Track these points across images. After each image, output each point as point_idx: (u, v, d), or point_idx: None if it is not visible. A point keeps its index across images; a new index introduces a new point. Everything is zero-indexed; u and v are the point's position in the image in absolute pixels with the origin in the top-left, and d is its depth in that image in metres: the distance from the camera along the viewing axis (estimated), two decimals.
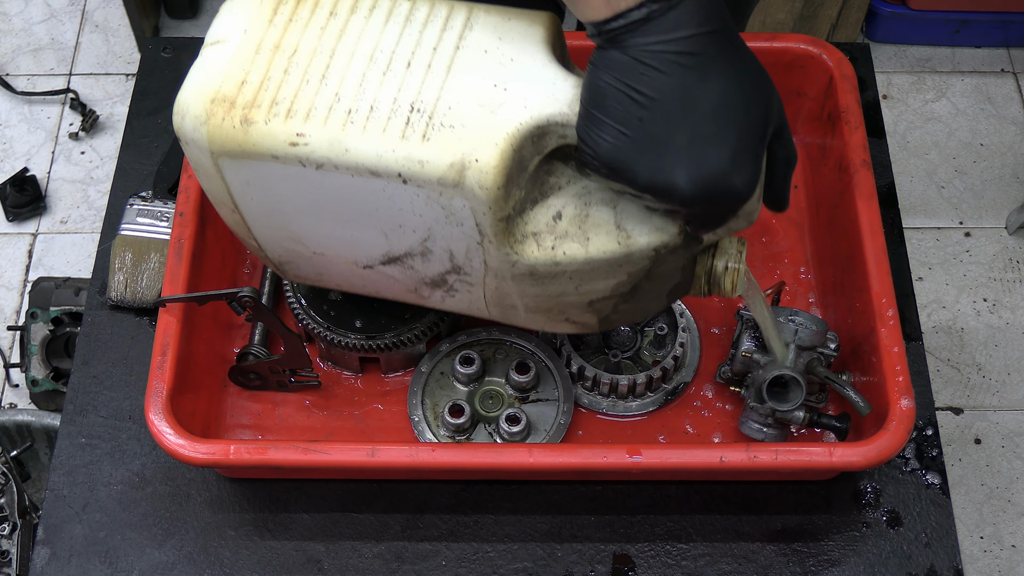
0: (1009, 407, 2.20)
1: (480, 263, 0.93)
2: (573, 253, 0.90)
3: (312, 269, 1.06)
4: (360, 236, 0.96)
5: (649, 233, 0.90)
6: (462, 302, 1.03)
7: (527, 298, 0.97)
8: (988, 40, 2.64)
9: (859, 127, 1.21)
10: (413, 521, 1.15)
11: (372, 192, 0.89)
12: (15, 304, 2.29)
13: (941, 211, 2.43)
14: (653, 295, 0.99)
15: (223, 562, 1.13)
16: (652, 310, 1.04)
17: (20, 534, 1.71)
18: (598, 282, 0.94)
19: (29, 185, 2.37)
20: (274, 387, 1.20)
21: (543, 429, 1.16)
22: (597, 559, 1.13)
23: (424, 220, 0.90)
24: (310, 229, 0.98)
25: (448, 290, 1.00)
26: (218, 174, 0.93)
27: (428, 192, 0.87)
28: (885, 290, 1.11)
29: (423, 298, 1.05)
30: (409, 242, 0.94)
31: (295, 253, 1.03)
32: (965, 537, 2.07)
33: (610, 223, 0.90)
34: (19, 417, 1.84)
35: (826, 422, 1.12)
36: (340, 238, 0.97)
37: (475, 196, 0.85)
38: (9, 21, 2.66)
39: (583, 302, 0.97)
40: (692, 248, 0.94)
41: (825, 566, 1.13)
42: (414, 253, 0.96)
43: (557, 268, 0.91)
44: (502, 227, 0.88)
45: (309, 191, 0.91)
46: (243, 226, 1.01)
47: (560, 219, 0.90)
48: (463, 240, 0.91)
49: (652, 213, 0.90)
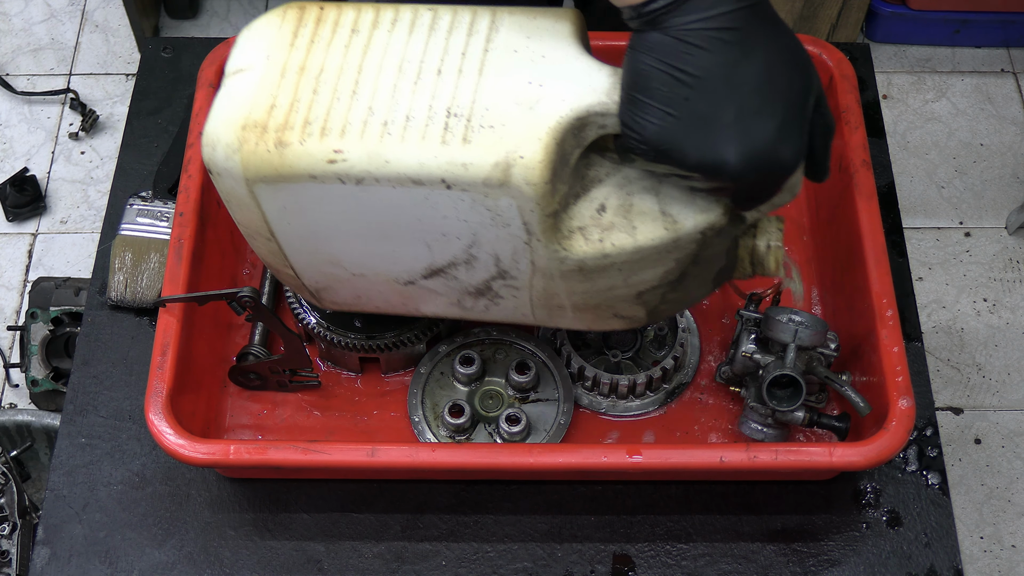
0: (1009, 407, 2.20)
1: (527, 264, 0.92)
2: (622, 243, 0.90)
3: (351, 292, 1.04)
4: (402, 250, 0.95)
5: (695, 215, 0.90)
6: (506, 309, 1.01)
7: (576, 296, 0.96)
8: (988, 40, 2.64)
9: (859, 127, 1.21)
10: (413, 521, 1.15)
11: (415, 202, 0.88)
12: (15, 304, 2.29)
13: (941, 211, 2.43)
14: (700, 281, 0.99)
15: (223, 562, 1.13)
16: (699, 297, 1.04)
17: (20, 534, 1.71)
18: (647, 271, 0.93)
19: (29, 185, 2.37)
20: (274, 387, 1.20)
21: (543, 429, 1.16)
22: (597, 559, 1.13)
23: (469, 225, 0.89)
24: (350, 249, 0.96)
25: (492, 298, 0.99)
26: (254, 202, 0.91)
27: (473, 196, 0.86)
28: (885, 290, 1.11)
29: (465, 310, 1.03)
30: (453, 251, 0.93)
31: (333, 277, 1.01)
32: (965, 537, 2.07)
33: (655, 210, 0.90)
34: (19, 417, 1.84)
35: (826, 422, 1.12)
36: (381, 255, 0.96)
37: (522, 193, 0.84)
38: (9, 21, 2.66)
39: (632, 294, 0.97)
40: (736, 228, 0.95)
41: (825, 566, 1.13)
42: (458, 262, 0.94)
43: (607, 260, 0.91)
44: (550, 223, 0.87)
45: (349, 209, 0.90)
46: (279, 255, 0.99)
47: (604, 211, 0.90)
48: (509, 242, 0.90)
49: (695, 196, 0.90)
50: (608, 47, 1.26)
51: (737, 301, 1.26)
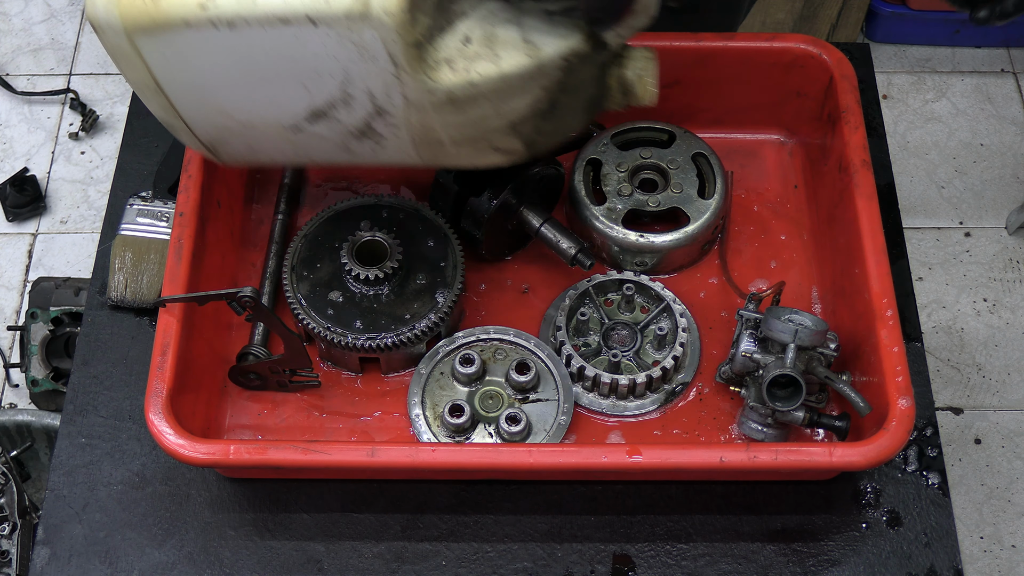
0: (1009, 407, 2.20)
1: (400, 99, 0.96)
2: (487, 72, 0.94)
3: (244, 144, 1.08)
4: (282, 93, 0.98)
5: (556, 42, 0.95)
6: (391, 150, 1.04)
7: (451, 129, 0.99)
8: (988, 40, 2.64)
9: (859, 127, 1.21)
10: (413, 521, 1.15)
11: (286, 43, 0.92)
12: (15, 304, 2.29)
13: (941, 211, 2.43)
14: (571, 110, 1.03)
15: (223, 562, 1.13)
16: (573, 127, 1.07)
17: (20, 534, 1.71)
18: (516, 100, 0.97)
19: (29, 185, 2.37)
20: (274, 387, 1.20)
21: (543, 429, 1.16)
22: (597, 559, 1.13)
23: (339, 62, 0.93)
24: (233, 96, 1.00)
25: (376, 138, 1.02)
26: (137, 55, 0.95)
27: (338, 31, 0.90)
28: (885, 290, 1.11)
29: (354, 155, 1.06)
30: (329, 90, 0.97)
31: (224, 129, 1.05)
32: (965, 537, 2.07)
33: (517, 39, 0.94)
34: (19, 417, 1.84)
35: (826, 422, 1.12)
36: (263, 99, 1.00)
37: (383, 24, 0.88)
38: (9, 21, 2.66)
39: (505, 125, 1.00)
40: (600, 56, 0.99)
41: (825, 566, 1.13)
42: (336, 102, 0.98)
43: (474, 90, 0.94)
44: (414, 54, 0.91)
45: (227, 54, 0.94)
46: (170, 109, 1.02)
47: (469, 42, 0.94)
48: (379, 76, 0.93)
49: (555, 23, 0.94)
50: None
51: (737, 301, 1.26)
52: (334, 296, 1.17)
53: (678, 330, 1.20)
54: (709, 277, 1.28)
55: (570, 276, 1.26)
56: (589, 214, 1.25)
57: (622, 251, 1.25)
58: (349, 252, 1.17)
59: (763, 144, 1.36)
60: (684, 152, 1.29)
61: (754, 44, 1.27)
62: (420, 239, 1.20)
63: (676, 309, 1.21)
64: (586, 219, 1.25)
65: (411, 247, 1.20)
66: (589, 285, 1.23)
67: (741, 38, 1.27)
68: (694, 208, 1.25)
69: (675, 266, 1.28)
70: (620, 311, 1.24)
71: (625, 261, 1.26)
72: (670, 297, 1.22)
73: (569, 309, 1.21)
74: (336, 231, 1.21)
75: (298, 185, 1.32)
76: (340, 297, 1.17)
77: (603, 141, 1.29)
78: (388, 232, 1.19)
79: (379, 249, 1.18)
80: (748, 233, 1.31)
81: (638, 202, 1.26)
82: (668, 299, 1.22)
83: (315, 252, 1.20)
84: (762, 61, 1.28)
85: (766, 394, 1.08)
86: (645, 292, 1.24)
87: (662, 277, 1.27)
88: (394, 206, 1.23)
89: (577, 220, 1.27)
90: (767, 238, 1.30)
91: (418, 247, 1.20)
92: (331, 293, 1.17)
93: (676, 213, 1.26)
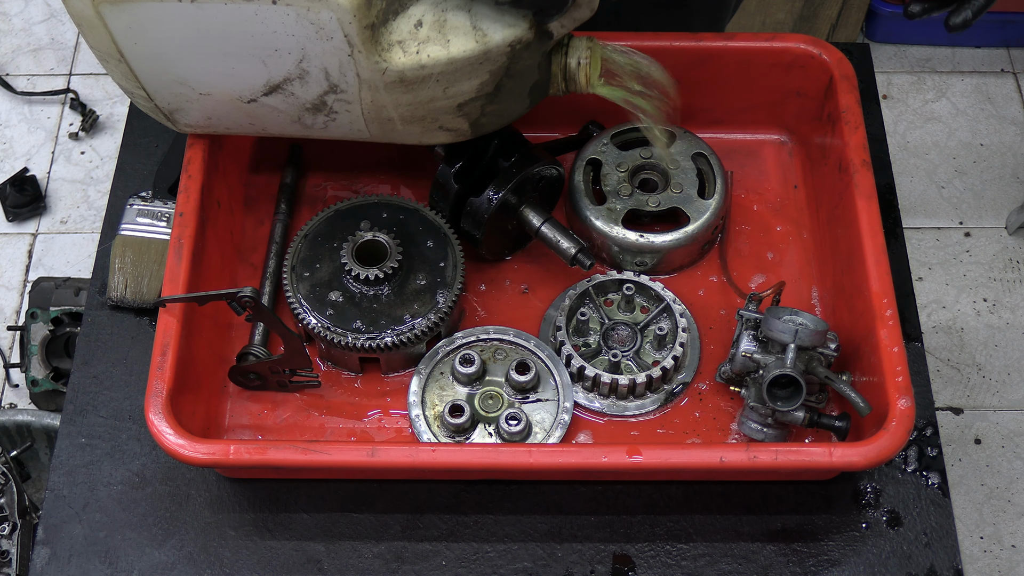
0: (1009, 407, 2.20)
1: (354, 77, 1.00)
2: (436, 55, 1.00)
3: (201, 113, 1.10)
4: (241, 67, 1.02)
5: (503, 30, 1.01)
6: (343, 125, 1.08)
7: (401, 107, 1.04)
8: (988, 40, 2.64)
9: (859, 127, 1.21)
10: (413, 521, 1.15)
11: (246, 18, 0.95)
12: (15, 304, 2.29)
13: (941, 211, 2.43)
14: (515, 94, 1.09)
15: (223, 562, 1.13)
16: (517, 111, 1.12)
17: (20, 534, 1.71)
18: (463, 83, 1.03)
19: (29, 185, 2.37)
20: (274, 387, 1.20)
21: (543, 429, 1.16)
22: (597, 559, 1.13)
23: (297, 40, 0.97)
24: (193, 68, 1.03)
25: (329, 113, 1.06)
26: (101, 23, 0.98)
27: (297, 9, 0.94)
28: (885, 290, 1.11)
29: (307, 128, 1.10)
30: (286, 66, 1.00)
31: (183, 98, 1.08)
32: (965, 537, 2.07)
33: (467, 25, 1.00)
34: (19, 417, 1.84)
35: (826, 422, 1.12)
36: (222, 72, 1.03)
37: (340, 5, 0.93)
38: (9, 21, 2.66)
39: (452, 106, 1.05)
40: (544, 44, 1.05)
41: (825, 566, 1.13)
42: (292, 78, 1.02)
43: (424, 72, 1.00)
44: (368, 35, 0.96)
45: (188, 27, 0.97)
46: (132, 77, 1.05)
47: (421, 26, 0.99)
48: (335, 55, 0.98)
49: (503, 12, 1.00)
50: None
51: (737, 301, 1.26)
52: (334, 296, 1.17)
53: (678, 330, 1.20)
54: (709, 277, 1.28)
55: (570, 276, 1.26)
56: (589, 214, 1.25)
57: (622, 251, 1.25)
58: (349, 252, 1.17)
59: (763, 144, 1.36)
60: (684, 152, 1.29)
61: (754, 44, 1.27)
62: (420, 239, 1.21)
63: (676, 309, 1.21)
64: (586, 219, 1.25)
65: (411, 247, 1.20)
66: (589, 285, 1.23)
67: (741, 38, 1.27)
68: (694, 208, 1.25)
69: (675, 266, 1.28)
70: (620, 311, 1.24)
71: (625, 261, 1.26)
72: (670, 297, 1.22)
73: (569, 309, 1.21)
74: (336, 231, 1.21)
75: (298, 185, 1.32)
76: (340, 297, 1.17)
77: (603, 141, 1.29)
78: (388, 232, 1.19)
79: (379, 249, 1.18)
80: (748, 233, 1.31)
81: (638, 202, 1.26)
82: (668, 299, 1.22)
83: (315, 252, 1.20)
84: (762, 61, 1.28)
85: (766, 394, 1.08)
86: (645, 292, 1.24)
87: (662, 277, 1.27)
88: (394, 206, 1.23)
89: (577, 220, 1.27)
90: (767, 238, 1.30)
91: (418, 247, 1.20)
92: (331, 293, 1.17)
93: (676, 213, 1.26)
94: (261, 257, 1.27)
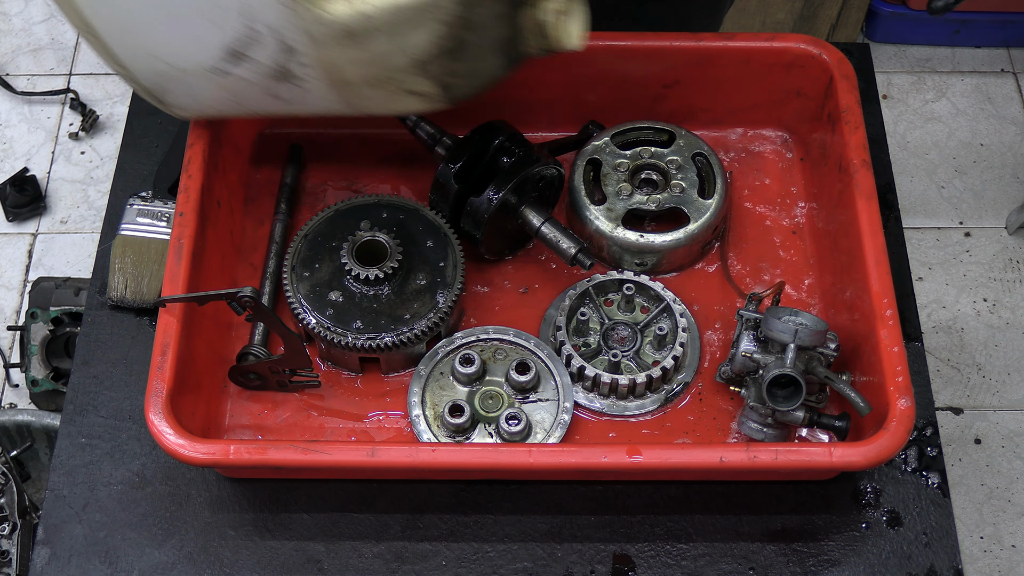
0: (1009, 407, 2.20)
1: (303, 34, 0.96)
2: (380, 3, 0.93)
3: (184, 93, 1.09)
4: (194, 29, 1.00)
5: None
6: (314, 94, 1.05)
7: (357, 66, 0.99)
8: (988, 40, 2.64)
9: (859, 127, 1.21)
10: (413, 521, 1.15)
11: None
12: (15, 304, 2.29)
13: (941, 211, 2.43)
14: (482, 51, 1.00)
15: (223, 562, 1.13)
16: (490, 72, 1.04)
17: (20, 534, 1.71)
18: (414, 35, 0.96)
19: (29, 185, 2.37)
20: (274, 387, 1.20)
21: (543, 429, 1.16)
22: (597, 559, 1.13)
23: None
24: (154, 35, 1.02)
25: (296, 82, 1.03)
26: None
27: None
28: (885, 290, 1.11)
29: (285, 102, 1.07)
30: (235, 26, 0.98)
31: (161, 75, 1.07)
32: (965, 537, 2.07)
33: None
34: (19, 417, 1.84)
35: (826, 422, 1.12)
36: (180, 37, 1.02)
37: None
38: (9, 21, 2.66)
39: (409, 63, 0.99)
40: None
41: (825, 566, 1.13)
42: (246, 39, 0.99)
43: (369, 22, 0.94)
44: None
45: None
46: (108, 53, 1.04)
47: None
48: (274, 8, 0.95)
49: None
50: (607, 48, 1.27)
51: (737, 301, 1.26)
52: (334, 296, 1.17)
53: (678, 330, 1.20)
54: (709, 277, 1.28)
55: (570, 276, 1.26)
56: (589, 214, 1.25)
57: (622, 251, 1.25)
58: (349, 252, 1.17)
59: (763, 144, 1.36)
60: (684, 152, 1.29)
61: (754, 44, 1.27)
62: (420, 239, 1.20)
63: (676, 309, 1.21)
64: (586, 219, 1.25)
65: (411, 247, 1.20)
66: (589, 285, 1.23)
67: (741, 38, 1.27)
68: (694, 208, 1.25)
69: (675, 266, 1.28)
70: (620, 311, 1.24)
71: (625, 261, 1.26)
72: (670, 297, 1.22)
73: (569, 309, 1.21)
74: (336, 231, 1.21)
75: (298, 185, 1.32)
76: (340, 297, 1.17)
77: (603, 141, 1.29)
78: (388, 232, 1.19)
79: (379, 249, 1.18)
80: (748, 233, 1.31)
81: (638, 202, 1.26)
82: (668, 299, 1.22)
83: (315, 252, 1.20)
84: (762, 61, 1.28)
85: (766, 394, 1.08)
86: (645, 292, 1.24)
87: (662, 277, 1.27)
88: (394, 206, 1.23)
89: (577, 220, 1.27)
90: (767, 238, 1.30)
91: (418, 247, 1.20)
92: (331, 293, 1.17)
93: (676, 213, 1.26)
94: (261, 257, 1.27)
